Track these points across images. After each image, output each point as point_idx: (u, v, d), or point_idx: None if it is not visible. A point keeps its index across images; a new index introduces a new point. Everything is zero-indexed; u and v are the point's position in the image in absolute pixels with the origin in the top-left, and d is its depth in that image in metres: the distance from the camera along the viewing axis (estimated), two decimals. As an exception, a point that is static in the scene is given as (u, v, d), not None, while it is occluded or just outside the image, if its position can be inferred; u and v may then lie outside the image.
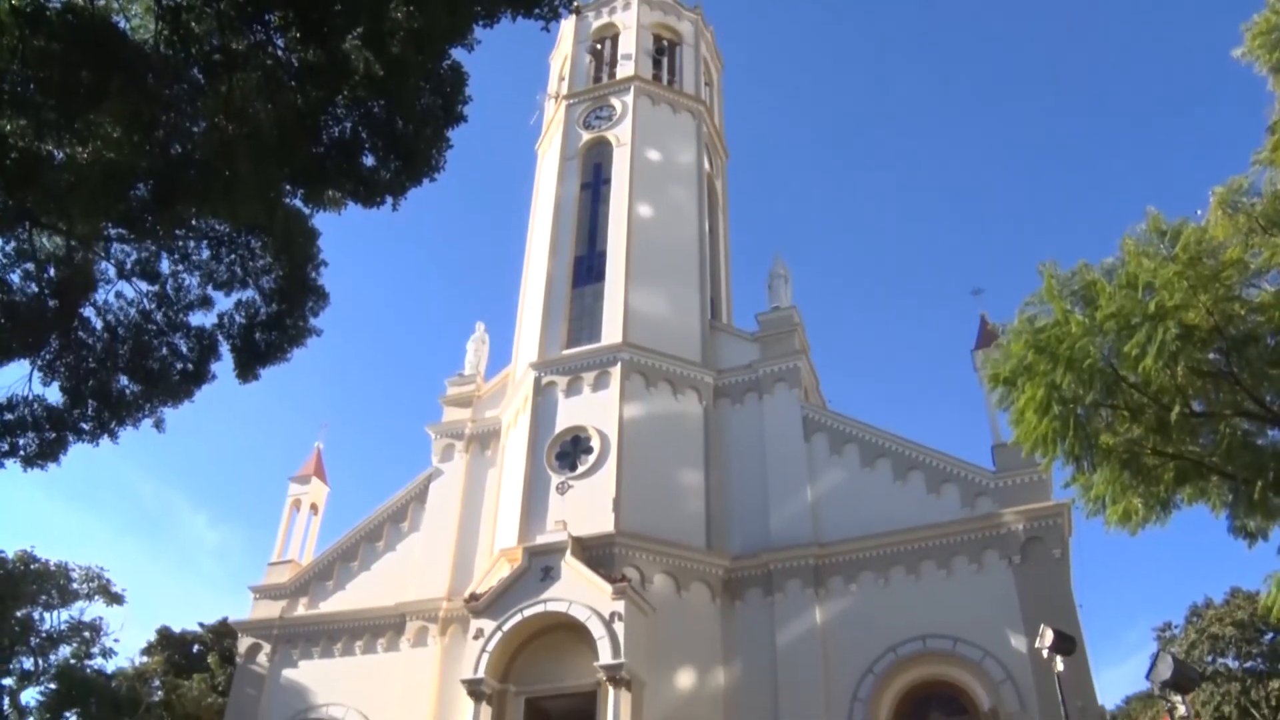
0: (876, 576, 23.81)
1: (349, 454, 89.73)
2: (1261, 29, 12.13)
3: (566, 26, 37.19)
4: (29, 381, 13.38)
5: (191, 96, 10.53)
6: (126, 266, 13.79)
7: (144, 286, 13.94)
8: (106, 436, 13.90)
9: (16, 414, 13.36)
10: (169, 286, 14.00)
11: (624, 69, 35.31)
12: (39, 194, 10.72)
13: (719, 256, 34.17)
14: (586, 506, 24.82)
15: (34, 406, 13.46)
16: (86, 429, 13.74)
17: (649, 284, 29.50)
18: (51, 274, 13.33)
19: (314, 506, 31.47)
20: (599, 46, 36.92)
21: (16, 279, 13.18)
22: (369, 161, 11.83)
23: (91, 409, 13.67)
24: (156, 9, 10.15)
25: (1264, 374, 12.03)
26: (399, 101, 11.37)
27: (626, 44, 36.06)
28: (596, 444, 26.02)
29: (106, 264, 13.80)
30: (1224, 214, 12.21)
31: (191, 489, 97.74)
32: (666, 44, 37.18)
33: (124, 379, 13.85)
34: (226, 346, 14.04)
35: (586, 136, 33.74)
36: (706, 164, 34.10)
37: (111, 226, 12.67)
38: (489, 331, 33.28)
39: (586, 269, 30.77)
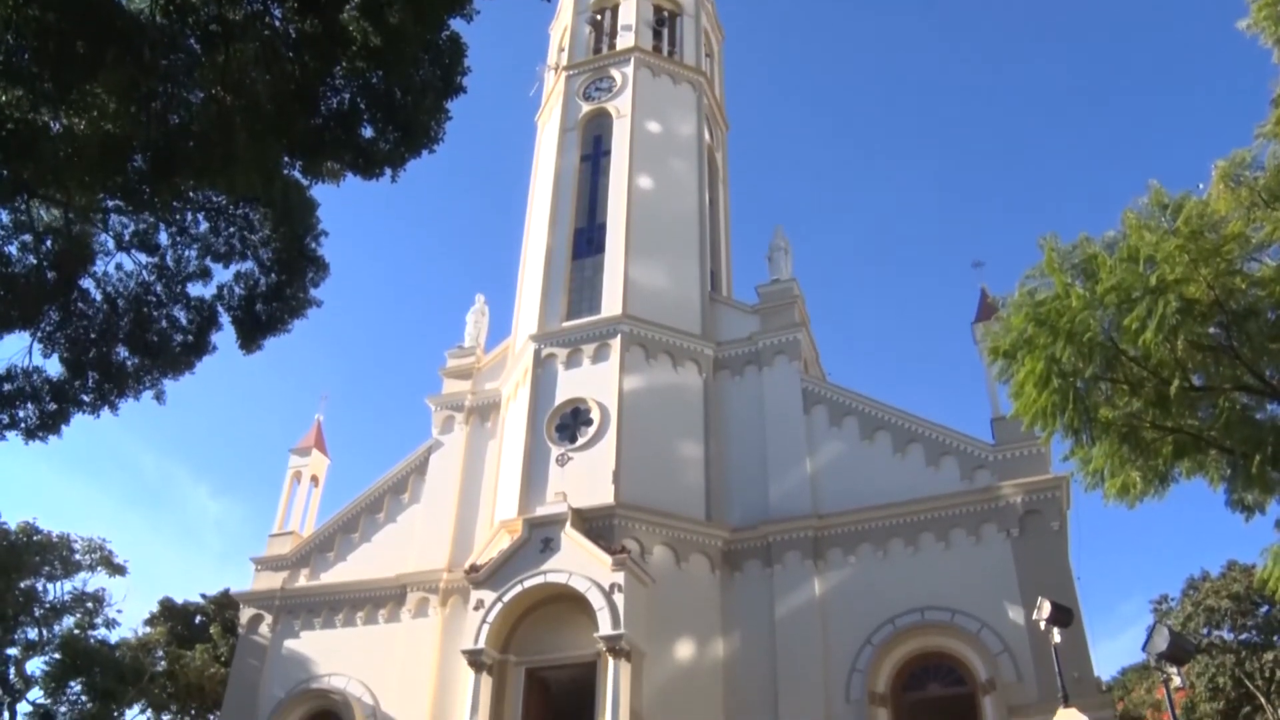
0: (875, 548, 23.93)
1: (349, 426, 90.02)
2: (1268, 0, 12.02)
3: (566, -3, 36.89)
4: (29, 353, 13.42)
5: (188, 67, 10.43)
6: (125, 238, 13.76)
7: (143, 258, 13.93)
8: (107, 408, 13.95)
9: (16, 385, 13.40)
10: (168, 258, 13.97)
11: (624, 40, 35.02)
12: (36, 165, 10.65)
13: (719, 229, 34.06)
14: (586, 478, 24.91)
15: (34, 378, 13.51)
16: (87, 400, 13.77)
17: (649, 256, 29.42)
18: (50, 245, 13.28)
19: (314, 478, 31.61)
20: (599, 17, 36.58)
21: (15, 250, 13.16)
22: (367, 133, 11.78)
23: (92, 380, 13.70)
24: (152, -23, 10.05)
25: (1264, 348, 12.04)
26: (397, 72, 11.30)
27: (627, 15, 35.74)
28: (596, 416, 26.06)
29: (105, 236, 13.78)
30: (1226, 187, 12.17)
31: (192, 461, 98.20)
32: (667, 15, 36.82)
33: (124, 350, 13.86)
34: (227, 318, 14.04)
35: (586, 108, 33.52)
36: (707, 136, 33.90)
37: (109, 198, 12.63)
38: (489, 303, 33.35)
39: (586, 241, 30.67)
